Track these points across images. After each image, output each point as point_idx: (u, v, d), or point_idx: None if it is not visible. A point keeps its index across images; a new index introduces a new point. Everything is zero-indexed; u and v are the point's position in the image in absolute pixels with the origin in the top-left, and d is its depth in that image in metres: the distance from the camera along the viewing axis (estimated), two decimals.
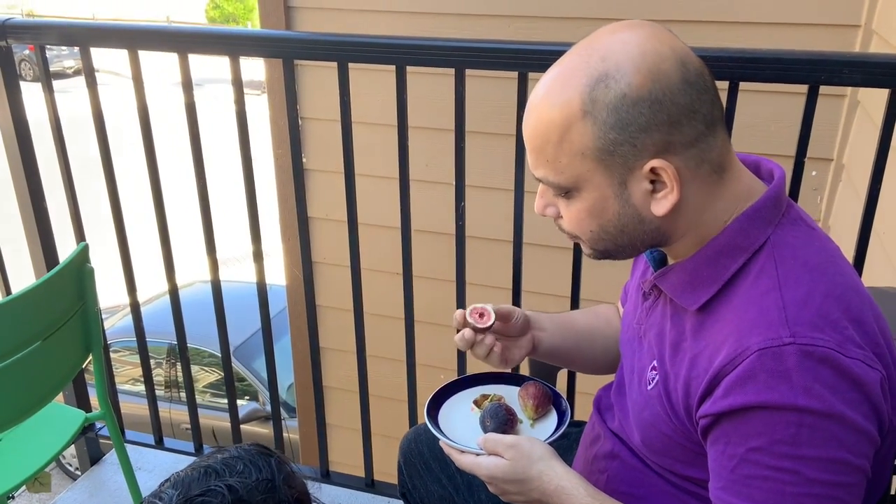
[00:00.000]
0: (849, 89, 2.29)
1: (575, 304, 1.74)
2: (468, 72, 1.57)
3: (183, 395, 5.38)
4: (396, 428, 1.90)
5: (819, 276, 0.84)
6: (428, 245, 2.30)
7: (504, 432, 1.07)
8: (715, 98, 0.86)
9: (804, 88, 1.41)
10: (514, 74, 1.52)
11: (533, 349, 1.19)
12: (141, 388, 4.57)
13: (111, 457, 2.27)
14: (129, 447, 2.22)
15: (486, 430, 1.07)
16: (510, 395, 1.16)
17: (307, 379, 3.11)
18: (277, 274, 3.45)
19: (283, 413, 5.47)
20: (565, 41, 1.01)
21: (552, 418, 1.12)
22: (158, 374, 5.84)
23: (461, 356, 1.87)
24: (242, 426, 2.34)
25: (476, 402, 1.16)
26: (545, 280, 2.23)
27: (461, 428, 1.10)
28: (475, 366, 1.58)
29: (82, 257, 1.55)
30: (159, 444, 2.23)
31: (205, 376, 5.95)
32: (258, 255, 1.90)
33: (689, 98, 0.83)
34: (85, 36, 1.75)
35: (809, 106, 1.41)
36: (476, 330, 1.11)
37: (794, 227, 0.89)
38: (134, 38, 1.72)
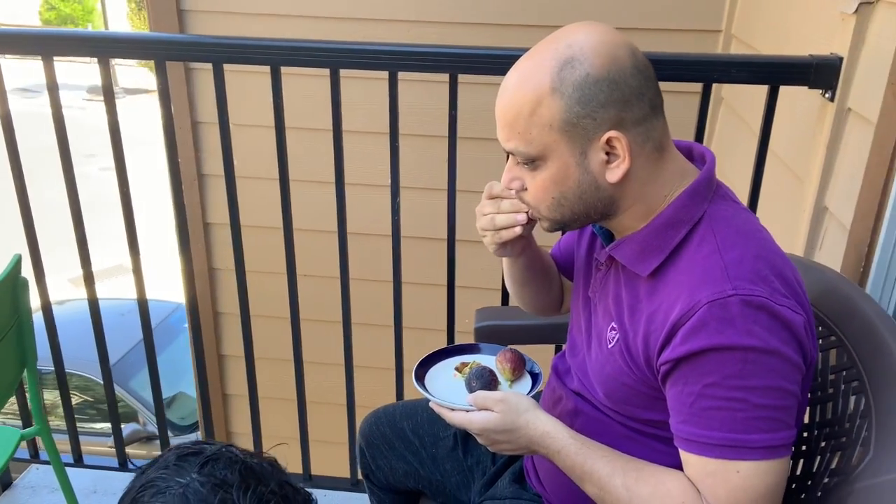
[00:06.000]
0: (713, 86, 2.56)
1: (506, 297, 1.82)
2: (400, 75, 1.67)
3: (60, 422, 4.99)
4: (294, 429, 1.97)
5: (749, 240, 1.02)
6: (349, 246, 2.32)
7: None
8: (657, 87, 1.04)
9: (696, 87, 1.63)
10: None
11: (521, 250, 1.24)
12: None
13: (22, 481, 2.16)
14: (42, 468, 2.14)
15: (472, 391, 1.17)
16: (486, 362, 1.28)
17: (215, 389, 3.06)
18: (154, 288, 3.32)
19: (168, 432, 5.24)
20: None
21: (526, 379, 1.26)
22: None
23: (398, 355, 1.95)
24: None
25: (457, 369, 1.28)
26: (475, 274, 2.28)
27: (446, 391, 1.21)
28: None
29: (17, 269, 1.49)
30: (78, 462, 2.16)
31: (74, 401, 5.60)
32: (137, 269, 1.92)
33: (639, 82, 1.00)
34: None
35: (704, 102, 1.63)
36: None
37: (724, 202, 1.07)
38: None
